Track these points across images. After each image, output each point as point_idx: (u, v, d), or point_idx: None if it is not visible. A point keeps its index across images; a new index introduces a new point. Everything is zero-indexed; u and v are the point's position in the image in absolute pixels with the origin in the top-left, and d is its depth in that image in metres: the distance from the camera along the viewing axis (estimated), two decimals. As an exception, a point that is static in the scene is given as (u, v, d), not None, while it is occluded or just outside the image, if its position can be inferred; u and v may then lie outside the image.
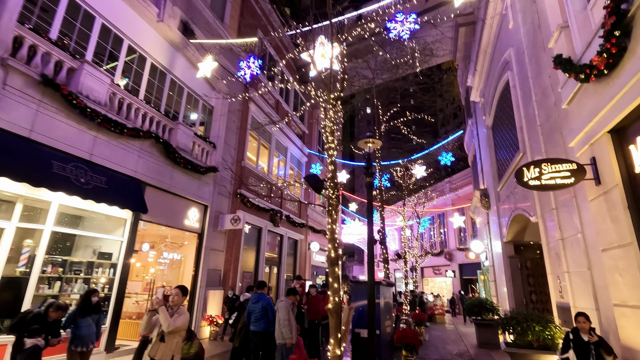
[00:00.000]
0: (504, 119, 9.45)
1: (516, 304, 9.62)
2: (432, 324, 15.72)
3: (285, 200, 15.54)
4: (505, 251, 10.18)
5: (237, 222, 10.42)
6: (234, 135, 11.96)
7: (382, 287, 6.07)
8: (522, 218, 8.62)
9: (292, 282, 8.93)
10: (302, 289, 7.35)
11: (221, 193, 10.90)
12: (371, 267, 5.64)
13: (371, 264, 5.64)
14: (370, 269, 5.63)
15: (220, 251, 10.70)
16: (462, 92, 18.80)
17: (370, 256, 5.58)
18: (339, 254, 4.14)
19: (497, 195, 10.82)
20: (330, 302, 3.77)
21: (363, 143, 6.41)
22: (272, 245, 14.67)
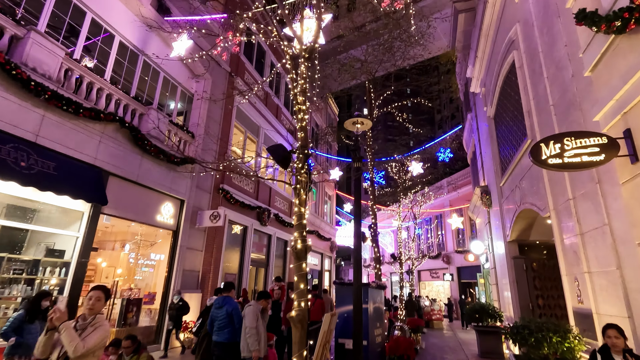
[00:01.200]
0: (507, 107, 8.65)
1: (521, 309, 8.77)
2: (429, 330, 14.84)
3: (274, 198, 14.68)
4: (509, 251, 9.34)
5: (216, 218, 9.53)
6: (217, 125, 11.10)
7: (371, 290, 5.20)
8: (529, 214, 7.79)
9: (272, 283, 8.06)
10: (282, 291, 6.50)
11: (200, 187, 10.01)
12: (358, 267, 4.79)
13: (358, 263, 4.78)
14: (356, 269, 4.77)
15: (199, 251, 9.79)
16: (460, 87, 18.07)
17: (356, 253, 4.73)
18: (308, 245, 3.30)
19: (499, 191, 10.00)
20: (293, 308, 2.92)
21: (350, 124, 5.58)
22: (259, 245, 13.77)
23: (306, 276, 3.07)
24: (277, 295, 6.27)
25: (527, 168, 7.09)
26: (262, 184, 13.69)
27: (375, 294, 5.38)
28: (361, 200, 5.18)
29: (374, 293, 5.36)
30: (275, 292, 6.25)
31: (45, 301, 5.00)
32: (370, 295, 5.12)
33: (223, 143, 11.33)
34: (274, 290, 6.30)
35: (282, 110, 16.18)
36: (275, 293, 6.23)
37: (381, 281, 6.79)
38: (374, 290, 5.32)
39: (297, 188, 3.52)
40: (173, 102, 10.12)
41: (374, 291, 5.37)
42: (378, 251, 7.08)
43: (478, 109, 13.20)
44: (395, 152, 13.23)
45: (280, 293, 6.35)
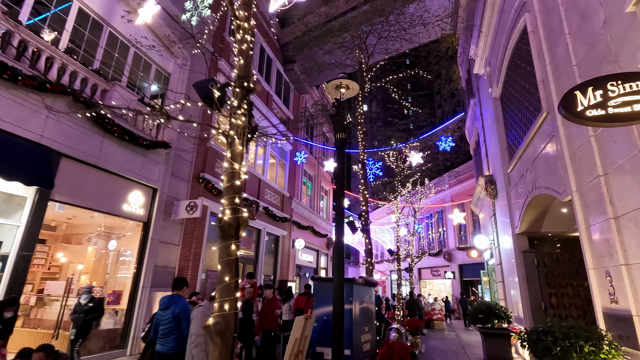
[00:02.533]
0: (516, 82, 7.70)
1: (532, 310, 7.84)
2: (430, 331, 13.92)
3: (264, 190, 13.76)
4: (518, 245, 8.40)
5: (193, 209, 8.61)
6: (198, 108, 10.15)
7: (357, 288, 4.26)
8: (543, 201, 6.85)
9: (242, 280, 7.17)
10: (253, 289, 5.61)
11: (177, 175, 9.09)
12: (339, 256, 3.87)
13: (339, 251, 3.86)
14: (338, 260, 3.85)
15: (174, 245, 8.87)
16: (462, 74, 17.10)
17: (338, 239, 3.81)
18: (243, 218, 2.39)
19: (506, 180, 9.05)
20: (213, 311, 2.00)
21: (333, 88, 4.65)
22: (247, 240, 12.85)
23: (235, 264, 2.16)
24: (249, 294, 5.38)
25: (542, 147, 6.15)
26: (251, 175, 12.75)
27: (362, 291, 4.45)
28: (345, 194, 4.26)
29: (361, 291, 4.42)
30: (246, 291, 5.35)
31: (7, 312, 4.29)
32: (357, 293, 4.18)
33: (204, 128, 10.38)
34: (244, 288, 5.40)
35: (272, 98, 15.24)
36: (246, 292, 5.33)
37: (372, 277, 5.86)
38: (361, 288, 4.38)
39: (230, 135, 2.62)
40: (147, 82, 9.18)
41: (361, 289, 4.42)
42: (369, 243, 6.18)
43: (482, 93, 12.26)
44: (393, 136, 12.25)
45: (252, 292, 5.45)
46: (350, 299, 4.00)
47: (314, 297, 4.37)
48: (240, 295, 5.86)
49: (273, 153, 15.27)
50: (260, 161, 14.35)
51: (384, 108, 51.44)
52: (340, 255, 3.84)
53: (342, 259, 3.78)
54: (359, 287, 4.28)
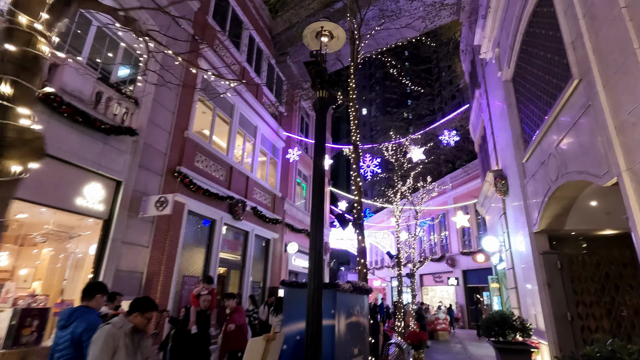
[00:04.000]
0: (534, 55, 6.67)
1: (555, 321, 6.69)
2: (434, 343, 12.71)
3: (252, 188, 12.67)
4: (536, 245, 7.29)
5: (163, 205, 7.52)
6: (174, 96, 9.13)
7: (343, 296, 3.14)
8: (571, 190, 5.77)
9: (197, 284, 6.01)
10: (211, 297, 4.51)
11: (147, 167, 8.02)
12: (316, 252, 2.79)
13: (317, 246, 2.78)
14: (315, 254, 2.78)
15: (143, 246, 7.76)
16: (465, 67, 16.12)
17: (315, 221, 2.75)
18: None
19: (521, 171, 7.97)
20: None
21: (312, 35, 3.60)
22: (233, 243, 11.73)
23: None
24: (205, 303, 4.28)
25: (572, 124, 5.07)
26: (237, 172, 11.69)
27: (350, 301, 3.34)
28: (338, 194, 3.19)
29: (349, 300, 3.31)
30: (201, 299, 4.27)
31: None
32: (342, 303, 3.07)
33: (181, 117, 9.34)
34: (199, 295, 4.31)
35: (263, 91, 14.23)
36: (201, 300, 4.24)
37: (366, 282, 4.76)
38: (348, 297, 3.26)
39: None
40: (114, 64, 8.15)
41: (349, 298, 3.31)
42: (363, 240, 5.08)
43: (489, 81, 11.24)
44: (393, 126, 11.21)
45: (209, 300, 4.36)
46: (332, 311, 2.90)
47: (284, 309, 3.26)
48: (194, 304, 4.74)
49: (263, 150, 14.22)
50: (249, 159, 13.30)
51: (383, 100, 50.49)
52: (318, 247, 2.75)
53: (319, 256, 2.69)
54: (345, 296, 3.16)
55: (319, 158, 3.15)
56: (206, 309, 4.51)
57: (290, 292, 3.31)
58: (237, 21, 13.03)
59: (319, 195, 2.99)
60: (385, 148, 10.79)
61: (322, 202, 2.97)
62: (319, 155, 3.17)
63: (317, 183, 3.04)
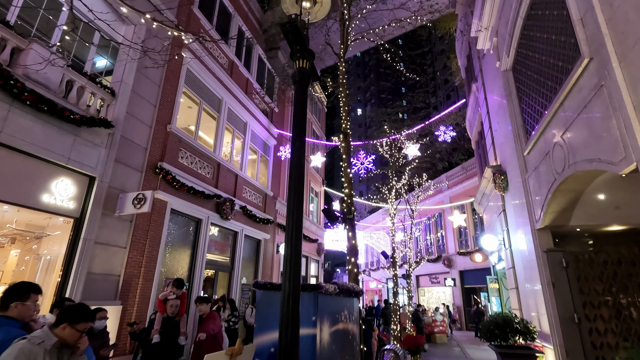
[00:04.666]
0: (536, 39, 6.26)
1: (561, 323, 6.26)
2: (431, 346, 12.25)
3: (242, 187, 12.16)
4: (540, 243, 6.86)
5: (141, 202, 6.99)
6: (155, 87, 8.61)
7: (326, 300, 2.61)
8: (578, 182, 5.35)
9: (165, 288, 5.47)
10: (181, 302, 4.01)
11: (125, 162, 7.49)
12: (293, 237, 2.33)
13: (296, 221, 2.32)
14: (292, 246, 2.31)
15: (120, 247, 7.22)
16: (461, 62, 15.76)
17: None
18: None
19: (522, 164, 7.55)
20: None
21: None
22: (221, 244, 11.20)
23: None
24: (172, 309, 3.78)
25: (582, 107, 4.65)
26: (225, 169, 11.18)
27: (337, 305, 2.83)
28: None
29: (335, 304, 2.80)
30: (168, 304, 3.76)
31: None
32: (325, 308, 2.56)
33: (164, 111, 8.82)
34: (166, 300, 3.81)
35: (253, 86, 13.74)
36: (168, 305, 3.74)
37: (357, 283, 4.27)
38: (333, 301, 2.74)
39: None
40: (89, 51, 7.63)
41: (335, 302, 2.80)
42: (354, 237, 4.60)
43: (486, 74, 10.85)
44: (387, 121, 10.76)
45: (177, 305, 3.86)
46: (312, 318, 2.41)
47: (256, 315, 2.76)
48: (159, 310, 4.23)
49: (254, 147, 13.72)
50: (238, 157, 12.78)
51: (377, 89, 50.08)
52: (295, 241, 2.28)
53: (296, 243, 2.22)
54: (329, 300, 2.66)
55: (298, 139, 2.67)
56: (174, 315, 3.99)
57: (264, 295, 2.78)
58: (225, 14, 12.54)
59: (298, 180, 2.52)
60: (379, 144, 10.34)
61: (300, 188, 2.50)
62: (298, 135, 2.70)
63: (296, 165, 2.56)
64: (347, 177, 4.74)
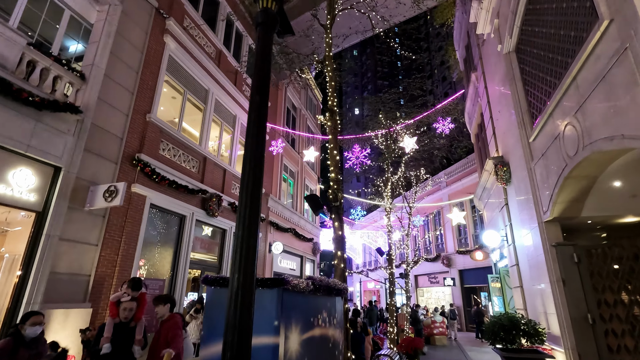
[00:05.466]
0: (543, 11, 5.72)
1: (573, 324, 5.69)
2: (430, 349, 11.67)
3: (230, 183, 11.57)
4: (548, 236, 6.30)
5: (112, 195, 6.39)
6: (132, 73, 8.02)
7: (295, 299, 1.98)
8: (593, 166, 4.79)
9: (119, 288, 4.85)
10: (140, 305, 3.42)
11: (97, 152, 6.89)
12: (249, 215, 1.73)
13: (250, 194, 1.73)
14: (243, 221, 1.71)
15: (90, 244, 6.61)
16: (459, 54, 15.23)
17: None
18: None
19: (527, 152, 7.00)
20: None
21: None
22: (208, 243, 10.61)
23: None
24: (126, 313, 3.19)
25: (600, 77, 4.08)
26: (212, 164, 10.59)
27: (312, 306, 2.19)
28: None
29: (310, 305, 2.15)
30: (122, 307, 3.18)
31: None
32: (294, 310, 1.89)
33: (143, 99, 8.23)
34: (119, 302, 3.22)
35: (243, 78, 13.16)
36: (121, 308, 3.16)
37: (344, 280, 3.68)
38: (306, 300, 2.08)
39: None
40: (57, 33, 7.03)
41: (309, 301, 2.12)
42: (340, 228, 4.00)
43: (486, 61, 10.32)
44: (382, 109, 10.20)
45: (132, 308, 3.27)
46: (275, 323, 1.78)
47: (205, 319, 2.16)
48: (111, 313, 3.63)
49: (243, 141, 13.10)
50: (227, 152, 12.19)
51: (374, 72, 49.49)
52: (250, 218, 1.71)
53: (253, 220, 1.65)
54: (299, 299, 1.98)
55: (259, 94, 2.10)
56: (128, 320, 3.39)
57: (214, 294, 2.16)
58: (213, 4, 11.95)
59: (257, 140, 1.95)
60: (375, 135, 9.77)
61: (259, 150, 1.93)
62: (259, 89, 2.13)
63: (255, 124, 1.99)
64: (334, 159, 4.17)
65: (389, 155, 9.18)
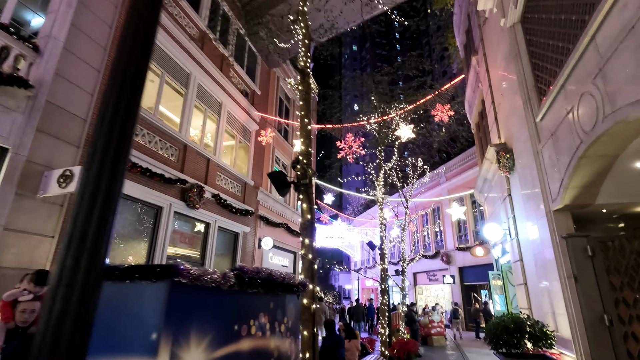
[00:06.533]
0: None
1: (587, 325, 4.99)
2: (427, 350, 10.98)
3: (215, 173, 10.86)
4: (557, 227, 5.60)
5: (67, 181, 5.69)
6: (99, 49, 7.29)
7: (196, 297, 1.34)
8: (616, 141, 4.09)
9: (18, 284, 4.16)
10: (40, 305, 2.77)
11: (53, 134, 6.18)
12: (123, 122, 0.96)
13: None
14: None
15: (44, 236, 5.91)
16: (459, 40, 14.49)
17: None
18: None
19: (534, 133, 6.28)
20: None
21: None
22: (190, 237, 9.91)
23: None
24: (25, 316, 2.49)
25: (627, 29, 3.36)
26: (193, 152, 9.88)
27: (239, 309, 1.55)
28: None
29: (229, 308, 1.51)
30: (19, 308, 2.48)
31: None
32: (194, 315, 1.20)
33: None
34: (16, 302, 2.53)
35: (230, 63, 12.42)
36: (19, 310, 2.47)
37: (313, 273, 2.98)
38: (221, 300, 1.44)
39: None
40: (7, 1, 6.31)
41: (228, 301, 1.52)
42: (309, 210, 3.25)
43: (488, 42, 9.60)
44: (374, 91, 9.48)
45: (35, 310, 2.58)
46: (152, 336, 1.10)
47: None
48: (3, 317, 2.86)
49: (231, 131, 12.41)
50: (213, 142, 11.48)
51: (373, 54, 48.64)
52: (123, 119, 0.96)
53: (122, 146, 0.91)
54: (209, 299, 1.24)
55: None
56: (27, 325, 2.68)
57: (106, 290, 1.53)
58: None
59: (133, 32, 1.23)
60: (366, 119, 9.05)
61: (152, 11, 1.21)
62: None
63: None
64: (304, 128, 3.45)
65: (381, 141, 8.45)
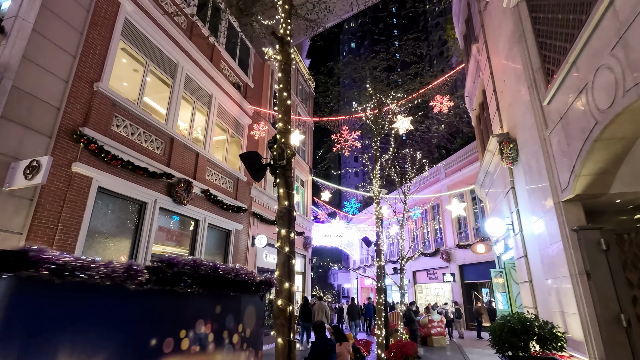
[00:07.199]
0: None
1: (601, 326, 4.55)
2: (427, 351, 10.54)
3: (204, 168, 10.39)
4: (567, 219, 5.15)
5: (33, 172, 5.23)
6: (75, 33, 6.82)
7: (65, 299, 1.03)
8: (635, 120, 3.61)
9: None
10: None
11: (20, 122, 5.72)
12: None
13: None
14: None
15: (11, 233, 5.46)
16: (458, 30, 14.03)
17: None
18: None
19: (541, 119, 5.83)
20: None
21: None
22: (177, 234, 9.46)
23: None
24: None
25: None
26: (181, 146, 9.42)
27: (164, 316, 1.14)
28: None
29: (143, 315, 1.14)
30: None
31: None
32: (66, 329, 0.84)
33: (89, 65, 7.04)
34: None
35: (221, 54, 11.96)
36: None
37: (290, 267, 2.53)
38: (128, 304, 1.03)
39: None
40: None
41: (144, 305, 1.14)
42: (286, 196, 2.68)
43: (489, 27, 9.14)
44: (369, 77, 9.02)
45: None
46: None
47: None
48: None
49: (222, 124, 11.94)
50: (203, 134, 11.01)
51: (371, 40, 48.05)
52: None
53: None
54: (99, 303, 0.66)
55: None
56: None
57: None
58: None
59: None
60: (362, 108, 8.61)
61: None
62: None
63: None
64: (283, 102, 2.99)
65: (377, 132, 8.01)
